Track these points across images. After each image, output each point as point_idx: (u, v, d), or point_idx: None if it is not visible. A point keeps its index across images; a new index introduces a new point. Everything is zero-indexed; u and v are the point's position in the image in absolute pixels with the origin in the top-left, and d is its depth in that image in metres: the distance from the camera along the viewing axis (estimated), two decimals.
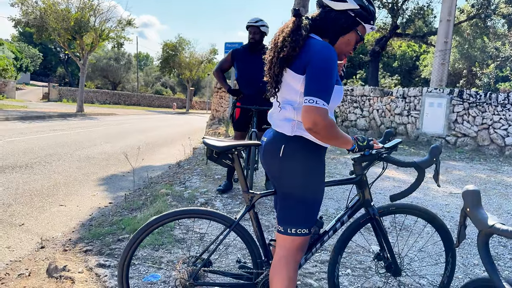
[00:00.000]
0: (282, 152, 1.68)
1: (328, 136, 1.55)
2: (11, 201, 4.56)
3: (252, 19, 4.41)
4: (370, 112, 11.12)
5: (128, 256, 1.89)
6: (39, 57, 51.15)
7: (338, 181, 1.96)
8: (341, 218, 1.96)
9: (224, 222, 1.91)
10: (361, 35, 1.69)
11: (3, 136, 9.90)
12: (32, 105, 23.94)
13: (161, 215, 1.90)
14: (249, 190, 1.89)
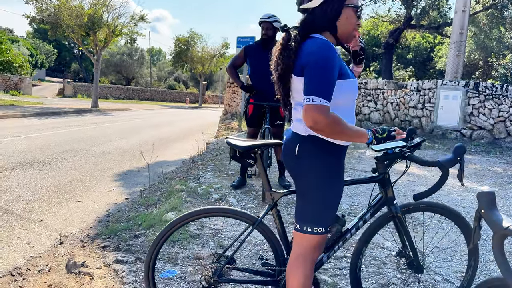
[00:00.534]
0: (297, 151, 1.71)
1: (333, 132, 1.54)
2: (30, 198, 4.67)
3: (265, 14, 4.41)
4: (384, 106, 11.02)
5: (154, 254, 1.94)
6: (53, 54, 51.85)
7: (359, 180, 1.95)
8: (363, 216, 1.95)
9: (248, 220, 1.93)
10: (355, 4, 1.64)
11: (20, 133, 10.10)
12: (47, 101, 24.33)
13: (186, 213, 1.93)
14: (272, 189, 1.91)
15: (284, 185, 4.62)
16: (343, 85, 1.63)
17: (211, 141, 9.85)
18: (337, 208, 1.79)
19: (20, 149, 7.65)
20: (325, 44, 1.56)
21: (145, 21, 22.82)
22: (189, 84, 60.86)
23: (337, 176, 1.72)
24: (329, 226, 1.75)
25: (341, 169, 1.75)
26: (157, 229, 3.33)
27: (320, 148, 1.68)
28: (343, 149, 1.74)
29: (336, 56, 1.56)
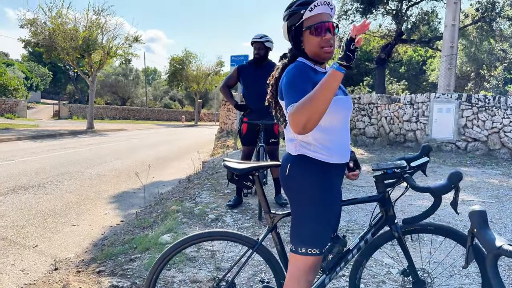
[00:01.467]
0: (288, 171, 1.72)
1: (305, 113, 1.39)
2: (25, 223, 4.62)
3: (257, 35, 4.47)
4: (378, 120, 11.08)
5: (153, 280, 1.91)
6: (49, 76, 52.03)
7: (358, 200, 1.92)
8: (364, 237, 1.92)
9: (247, 243, 1.92)
10: (309, 25, 1.66)
11: (15, 156, 10.05)
12: (43, 124, 24.30)
13: (186, 237, 1.91)
14: (270, 211, 1.90)
15: (281, 203, 4.60)
16: (336, 100, 1.64)
17: (207, 160, 9.84)
18: (332, 228, 1.77)
19: (14, 173, 7.60)
20: (294, 65, 1.66)
21: (139, 42, 23.03)
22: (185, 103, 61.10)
23: (329, 196, 1.70)
24: (324, 247, 1.73)
25: (334, 188, 1.74)
26: (152, 252, 3.29)
27: (310, 167, 1.68)
28: (337, 166, 1.73)
29: (305, 72, 1.61)
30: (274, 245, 1.95)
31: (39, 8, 20.38)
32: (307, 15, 1.66)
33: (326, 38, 1.65)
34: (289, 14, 1.72)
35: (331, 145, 1.68)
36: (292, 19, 1.71)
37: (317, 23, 1.65)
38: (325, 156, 1.68)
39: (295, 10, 1.69)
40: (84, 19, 21.19)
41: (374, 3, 16.37)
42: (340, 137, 1.71)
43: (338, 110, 1.67)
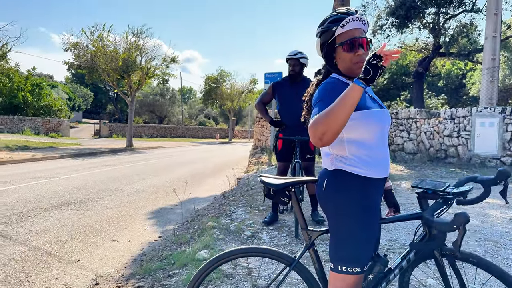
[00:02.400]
0: (325, 186, 1.69)
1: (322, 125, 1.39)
2: (67, 238, 4.77)
3: (292, 51, 4.50)
4: (417, 135, 10.78)
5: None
6: (90, 96, 54.42)
7: (399, 217, 1.83)
8: (407, 256, 1.82)
9: (284, 261, 1.89)
10: (341, 41, 1.66)
11: (59, 174, 10.48)
12: (84, 142, 25.30)
13: (223, 253, 1.91)
14: (308, 227, 1.87)
15: (318, 220, 4.52)
16: (356, 117, 1.61)
17: (241, 176, 9.87)
18: (373, 245, 1.71)
19: (58, 190, 7.92)
20: (326, 82, 1.68)
21: (176, 62, 23.74)
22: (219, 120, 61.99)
23: (369, 212, 1.66)
24: (365, 265, 1.67)
25: (373, 204, 1.69)
26: (190, 268, 3.31)
27: (347, 182, 1.64)
28: (375, 182, 1.68)
29: (335, 88, 1.60)
30: (311, 263, 1.90)
31: (82, 32, 21.51)
32: (339, 31, 1.66)
33: (359, 53, 1.65)
34: (322, 31, 1.73)
35: (368, 158, 1.64)
36: (325, 36, 1.72)
37: (349, 39, 1.65)
38: (362, 170, 1.64)
39: (327, 27, 1.71)
40: (123, 41, 22.15)
41: (410, 17, 16.12)
42: (377, 150, 1.67)
43: (372, 123, 1.64)
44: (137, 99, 28.60)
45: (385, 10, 16.97)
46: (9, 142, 18.57)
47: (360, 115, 1.62)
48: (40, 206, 6.39)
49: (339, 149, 1.66)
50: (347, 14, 1.69)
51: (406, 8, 15.53)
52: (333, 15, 1.72)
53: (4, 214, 5.76)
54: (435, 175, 8.43)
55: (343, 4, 9.20)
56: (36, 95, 31.35)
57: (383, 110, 1.73)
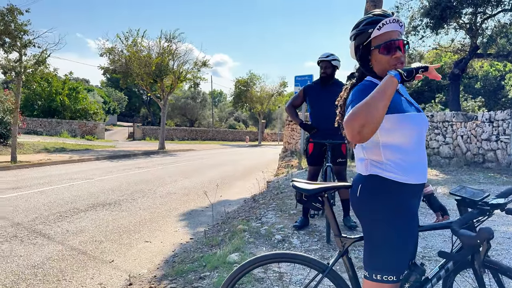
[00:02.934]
0: (359, 192, 1.66)
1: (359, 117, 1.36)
2: (102, 238, 4.91)
3: (324, 54, 4.45)
4: (453, 139, 10.43)
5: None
6: (124, 100, 55.96)
7: (437, 225, 1.78)
8: (445, 265, 1.76)
9: (316, 267, 1.86)
10: (378, 44, 1.63)
11: (94, 175, 10.81)
12: (119, 144, 26.00)
13: (255, 258, 1.90)
14: (341, 234, 1.83)
15: (350, 225, 4.45)
16: (393, 120, 1.57)
17: (271, 180, 9.86)
18: (409, 253, 1.66)
19: (94, 191, 8.16)
20: (361, 84, 1.66)
21: (207, 66, 24.08)
22: (249, 123, 62.24)
23: (405, 218, 1.61)
24: (401, 273, 1.62)
25: (410, 210, 1.64)
26: (221, 271, 3.32)
27: (383, 188, 1.60)
28: (412, 188, 1.62)
29: (368, 90, 1.55)
30: (344, 270, 1.87)
31: (117, 37, 22.16)
32: (375, 34, 1.63)
33: (396, 56, 1.61)
34: (356, 33, 1.70)
35: (405, 163, 1.60)
36: (360, 38, 1.68)
37: (386, 41, 1.62)
38: (399, 175, 1.59)
39: (363, 29, 1.67)
40: (157, 46, 22.67)
41: (445, 18, 15.65)
42: (415, 155, 1.62)
43: (409, 126, 1.60)
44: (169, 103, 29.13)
45: (419, 10, 16.55)
46: (48, 144, 19.34)
47: (397, 118, 1.58)
48: (77, 206, 6.61)
49: (375, 154, 1.62)
50: (383, 16, 1.65)
51: (441, 8, 15.08)
52: (368, 17, 1.68)
53: (43, 214, 5.98)
54: (473, 180, 8.12)
55: (375, 5, 9.05)
56: (73, 99, 32.51)
57: (420, 113, 1.68)
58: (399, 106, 1.61)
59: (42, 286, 3.42)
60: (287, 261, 1.93)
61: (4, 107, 16.83)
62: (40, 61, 13.43)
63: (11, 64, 12.98)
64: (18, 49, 12.92)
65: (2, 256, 4.11)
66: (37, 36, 13.16)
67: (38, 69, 13.80)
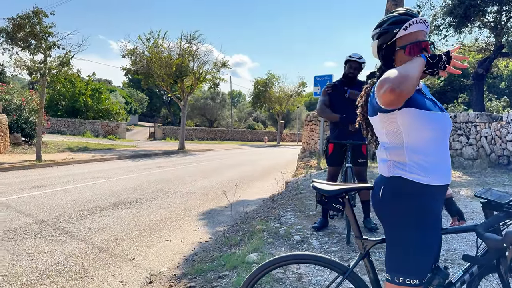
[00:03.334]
0: (381, 194, 1.64)
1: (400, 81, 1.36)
2: (124, 236, 4.99)
3: (355, 54, 4.42)
4: (477, 140, 10.19)
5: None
6: (146, 101, 56.77)
7: (461, 228, 1.74)
8: (469, 269, 1.73)
9: (337, 269, 1.84)
10: (403, 44, 1.61)
11: (116, 174, 11.00)
12: (140, 144, 26.38)
13: (275, 258, 1.89)
14: (362, 236, 1.82)
15: (370, 227, 4.39)
16: (416, 115, 1.54)
17: (290, 180, 9.83)
18: (433, 256, 1.63)
19: (115, 190, 8.31)
20: None
21: (226, 67, 24.18)
22: (267, 123, 62.22)
23: (429, 220, 1.58)
24: (424, 277, 1.59)
25: (434, 212, 1.60)
26: (240, 270, 3.33)
27: (406, 190, 1.57)
28: (436, 189, 1.59)
29: None
30: (365, 272, 1.85)
31: (138, 39, 22.48)
32: (401, 33, 1.61)
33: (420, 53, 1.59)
34: (380, 32, 1.67)
35: (428, 165, 1.57)
36: (384, 37, 1.66)
37: (412, 42, 1.60)
38: (423, 177, 1.56)
39: (387, 29, 1.65)
40: (177, 47, 22.90)
41: (469, 16, 15.29)
42: (439, 156, 1.59)
43: (434, 126, 1.57)
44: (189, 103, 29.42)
45: (442, 9, 16.22)
46: (71, 143, 19.78)
47: (421, 115, 1.55)
48: (99, 205, 6.74)
49: (398, 155, 1.60)
50: (408, 15, 1.63)
51: (465, 6, 14.74)
52: (392, 16, 1.66)
53: (66, 212, 6.12)
54: (497, 182, 7.91)
55: (396, 4, 8.92)
56: (95, 99, 33.17)
57: (444, 113, 1.65)
58: (423, 105, 1.59)
59: (65, 283, 3.50)
60: (307, 263, 1.92)
61: (30, 107, 17.31)
62: (64, 62, 13.75)
63: (37, 65, 13.35)
64: (43, 51, 13.27)
65: (27, 252, 4.23)
66: (61, 38, 13.50)
67: (62, 70, 14.14)
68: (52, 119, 28.37)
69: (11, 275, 3.61)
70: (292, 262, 1.91)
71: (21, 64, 13.25)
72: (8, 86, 20.76)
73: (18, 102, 17.30)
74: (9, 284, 3.44)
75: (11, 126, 16.22)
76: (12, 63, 13.18)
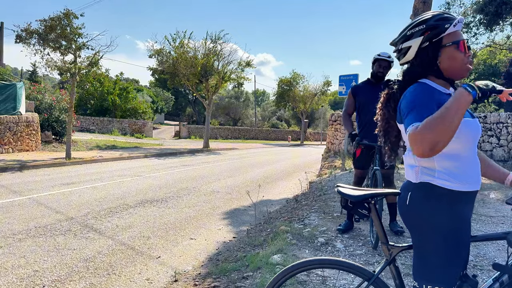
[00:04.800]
0: (409, 200, 1.61)
1: (432, 133, 1.29)
2: (150, 234, 5.08)
3: (384, 53, 4.36)
4: (508, 141, 9.86)
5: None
6: (171, 100, 57.55)
7: (490, 236, 1.70)
8: (500, 278, 1.67)
9: (362, 275, 1.83)
10: (453, 41, 1.58)
11: (143, 172, 11.21)
12: (166, 143, 26.78)
13: (299, 262, 1.89)
14: (388, 242, 1.79)
15: (396, 230, 4.32)
16: (466, 123, 1.53)
17: (314, 180, 9.77)
18: (463, 264, 1.60)
19: (142, 188, 8.47)
20: (417, 86, 1.56)
21: (251, 66, 24.23)
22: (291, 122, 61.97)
23: (458, 227, 1.54)
24: (453, 285, 1.56)
25: (463, 219, 1.57)
26: (264, 272, 3.34)
27: (435, 196, 1.54)
28: (466, 195, 1.56)
29: (431, 92, 1.52)
30: (389, 276, 1.82)
31: (165, 39, 22.82)
32: (450, 30, 1.58)
33: (469, 54, 1.59)
34: (427, 28, 1.61)
35: (458, 171, 1.54)
36: (430, 34, 1.60)
37: (462, 39, 1.60)
38: (452, 183, 1.53)
39: (436, 24, 1.59)
40: (202, 47, 23.10)
41: (501, 14, 14.79)
42: (468, 162, 1.56)
43: (466, 133, 1.54)
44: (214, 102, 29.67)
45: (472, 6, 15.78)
46: (100, 141, 20.27)
47: (467, 122, 1.55)
48: (126, 202, 6.89)
49: (427, 161, 1.57)
50: (449, 14, 1.64)
51: (496, 4, 14.28)
52: (437, 14, 1.62)
53: (95, 209, 6.29)
54: None
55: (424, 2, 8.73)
56: (123, 99, 33.90)
57: (474, 119, 1.62)
58: (468, 112, 1.58)
59: (93, 280, 3.60)
60: (332, 268, 1.90)
61: (60, 106, 17.84)
62: (93, 63, 14.10)
63: (67, 65, 13.74)
64: (73, 52, 13.65)
65: (58, 248, 4.37)
66: (90, 39, 13.83)
67: (91, 70, 14.52)
68: (81, 117, 29.18)
69: (41, 271, 3.74)
70: (317, 267, 1.91)
71: (52, 64, 13.66)
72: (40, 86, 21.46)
73: (49, 101, 17.87)
74: (40, 279, 3.56)
75: (42, 124, 16.77)
76: (44, 63, 13.61)
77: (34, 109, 17.13)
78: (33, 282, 3.49)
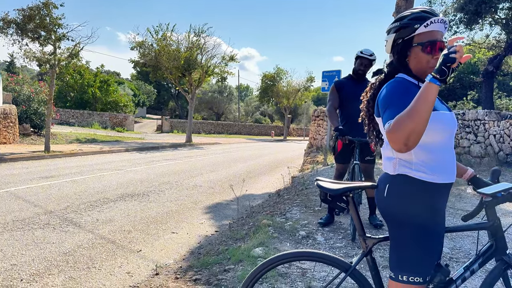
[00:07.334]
0: (386, 192, 1.65)
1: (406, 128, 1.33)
2: (131, 228, 5.04)
3: (366, 50, 4.39)
4: (485, 138, 10.11)
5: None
6: (153, 93, 56.94)
7: (464, 227, 1.77)
8: (470, 267, 1.74)
9: (340, 266, 1.86)
10: (422, 41, 1.59)
11: (124, 166, 11.08)
12: (148, 137, 26.51)
13: (278, 255, 1.91)
14: (366, 234, 1.83)
15: (376, 224, 4.40)
16: (439, 116, 1.57)
17: (296, 175, 9.83)
18: (437, 255, 1.65)
19: (123, 182, 8.38)
20: (395, 81, 1.62)
21: (235, 61, 24.16)
22: (274, 118, 62.13)
23: (433, 219, 1.59)
24: (428, 275, 1.61)
25: (438, 211, 1.62)
26: (245, 264, 3.36)
27: (411, 188, 1.58)
28: (441, 187, 1.61)
29: (406, 88, 1.56)
30: (367, 269, 1.86)
31: (147, 31, 22.55)
32: (420, 30, 1.60)
33: (437, 57, 1.58)
34: (400, 26, 1.66)
35: (434, 163, 1.58)
36: (402, 32, 1.65)
37: (430, 40, 1.59)
38: (429, 175, 1.57)
39: (408, 23, 1.63)
40: (185, 40, 22.91)
41: (480, 13, 15.10)
42: (444, 155, 1.61)
43: (442, 126, 1.58)
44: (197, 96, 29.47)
45: (453, 5, 16.05)
46: (80, 135, 19.93)
47: (431, 116, 1.57)
48: (106, 196, 6.81)
49: (405, 153, 1.61)
50: (430, 14, 1.63)
51: (476, 3, 14.55)
52: (415, 12, 1.65)
53: (74, 203, 6.20)
54: (504, 181, 7.86)
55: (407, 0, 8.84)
56: (104, 91, 33.38)
57: (451, 113, 1.67)
58: (441, 105, 1.62)
59: (72, 273, 3.56)
60: (310, 260, 1.93)
61: (39, 98, 17.45)
62: (73, 54, 13.83)
63: (46, 56, 13.44)
64: (53, 42, 13.36)
65: (36, 242, 4.30)
66: (71, 30, 13.57)
67: (71, 62, 14.25)
68: (61, 110, 28.60)
69: (20, 264, 3.68)
70: (296, 259, 1.94)
71: (30, 55, 13.34)
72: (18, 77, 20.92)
73: (27, 93, 17.46)
74: (18, 273, 3.50)
75: (20, 116, 16.38)
76: (22, 54, 13.27)
77: (12, 101, 16.71)
78: (11, 275, 3.44)
